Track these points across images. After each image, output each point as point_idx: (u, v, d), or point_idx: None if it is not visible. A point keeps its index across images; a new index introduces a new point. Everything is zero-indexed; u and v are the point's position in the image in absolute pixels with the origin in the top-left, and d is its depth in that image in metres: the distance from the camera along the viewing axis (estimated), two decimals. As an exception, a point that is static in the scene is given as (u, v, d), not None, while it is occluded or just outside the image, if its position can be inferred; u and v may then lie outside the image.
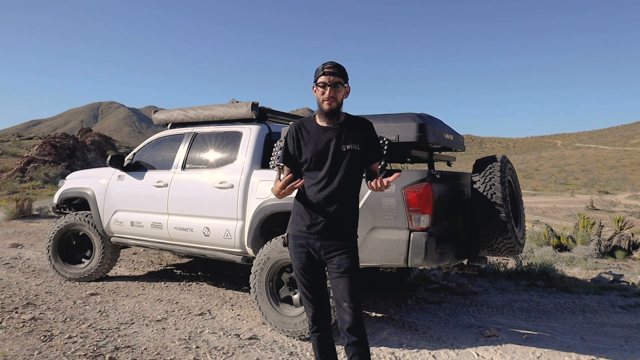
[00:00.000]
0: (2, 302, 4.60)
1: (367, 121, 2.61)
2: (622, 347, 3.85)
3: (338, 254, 2.50)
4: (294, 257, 2.60)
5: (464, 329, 4.18)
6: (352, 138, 2.52)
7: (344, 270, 2.48)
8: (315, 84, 2.52)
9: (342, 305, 2.46)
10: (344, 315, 2.46)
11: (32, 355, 3.38)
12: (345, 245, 2.51)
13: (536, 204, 23.51)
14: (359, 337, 2.44)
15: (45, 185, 22.35)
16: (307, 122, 2.61)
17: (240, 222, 4.27)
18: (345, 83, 2.50)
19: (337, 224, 2.51)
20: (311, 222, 2.51)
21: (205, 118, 4.98)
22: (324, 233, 2.50)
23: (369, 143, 2.57)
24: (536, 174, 62.28)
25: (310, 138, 2.54)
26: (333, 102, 2.48)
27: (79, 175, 5.94)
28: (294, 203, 2.62)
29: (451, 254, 3.68)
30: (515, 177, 4.40)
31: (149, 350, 3.53)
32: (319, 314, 2.60)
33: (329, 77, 2.45)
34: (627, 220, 10.99)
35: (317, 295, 2.60)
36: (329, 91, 2.46)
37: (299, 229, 2.56)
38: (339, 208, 2.50)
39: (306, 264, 2.56)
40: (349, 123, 2.56)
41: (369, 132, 2.58)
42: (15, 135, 52.00)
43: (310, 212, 2.51)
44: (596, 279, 6.29)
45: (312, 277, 2.58)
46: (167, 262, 6.82)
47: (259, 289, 4.04)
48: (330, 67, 2.47)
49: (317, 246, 2.52)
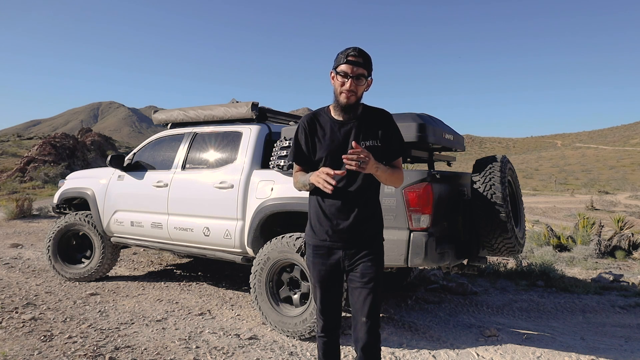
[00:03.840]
0: (2, 302, 4.60)
1: (387, 113, 2.33)
2: (622, 347, 3.85)
3: (363, 261, 2.26)
4: (313, 269, 2.35)
5: (464, 329, 4.18)
6: (372, 133, 2.25)
7: (368, 280, 2.24)
8: (334, 71, 2.20)
9: (360, 319, 2.24)
10: (359, 331, 2.24)
11: (32, 355, 3.38)
12: (371, 252, 2.28)
13: (536, 204, 23.51)
14: (373, 358, 2.24)
15: (45, 185, 22.36)
16: (320, 114, 2.33)
17: (240, 222, 4.27)
18: (369, 75, 2.20)
19: (361, 229, 2.26)
20: (332, 230, 2.26)
21: (205, 118, 4.98)
22: (347, 240, 2.26)
23: (390, 137, 2.29)
24: (536, 174, 62.27)
25: (325, 134, 2.26)
26: (352, 97, 2.18)
27: (79, 175, 5.94)
28: (310, 209, 2.37)
29: (451, 254, 3.68)
30: (515, 177, 4.41)
31: (149, 350, 3.53)
32: (329, 325, 2.41)
33: (352, 67, 2.13)
34: (627, 220, 10.99)
35: (332, 308, 2.39)
36: (349, 83, 2.14)
37: (320, 237, 2.30)
38: (361, 212, 2.25)
39: (325, 276, 2.32)
40: (368, 116, 2.28)
41: (389, 125, 2.29)
42: (15, 135, 52.01)
43: (330, 219, 2.26)
44: (596, 279, 6.29)
45: (330, 291, 2.35)
46: (167, 262, 6.82)
47: (259, 289, 4.04)
48: (355, 56, 2.14)
49: (340, 256, 2.28)
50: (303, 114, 3.66)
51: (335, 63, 2.20)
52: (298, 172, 2.36)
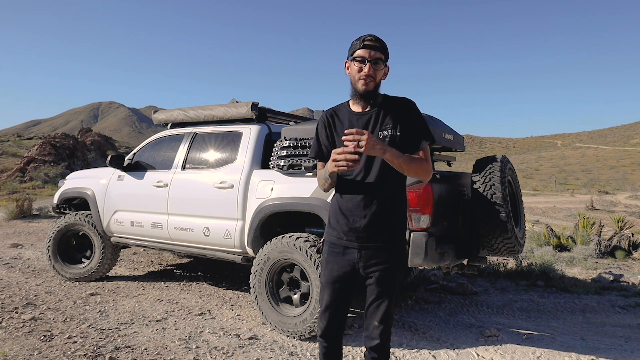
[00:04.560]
0: (2, 302, 4.60)
1: (409, 101, 2.21)
2: (622, 347, 3.85)
3: (379, 269, 2.15)
4: (325, 267, 2.25)
5: (464, 329, 4.18)
6: (391, 122, 2.13)
7: (385, 290, 2.17)
8: (350, 59, 2.13)
9: (372, 322, 2.21)
10: (371, 332, 2.21)
11: (32, 355, 3.38)
12: (390, 257, 2.17)
13: (536, 204, 23.51)
14: (383, 357, 2.25)
15: (45, 185, 22.35)
16: (340, 108, 2.26)
17: (240, 222, 4.27)
18: (386, 61, 2.13)
19: (378, 228, 2.14)
20: (348, 227, 2.16)
21: (205, 118, 4.98)
22: (363, 239, 2.14)
23: (412, 126, 2.15)
24: (536, 174, 62.28)
25: (343, 126, 2.17)
26: (370, 82, 2.09)
27: (79, 175, 5.94)
28: (331, 205, 2.28)
29: (451, 254, 3.68)
30: (515, 177, 4.41)
31: (149, 350, 3.53)
32: (332, 332, 2.28)
33: (370, 51, 2.07)
34: (627, 220, 10.99)
35: (338, 313, 2.26)
36: (367, 67, 2.06)
37: (336, 235, 2.21)
38: (380, 209, 2.13)
39: (337, 277, 2.21)
40: (387, 105, 2.17)
41: (410, 112, 2.17)
42: (15, 135, 52.00)
43: (347, 215, 2.16)
44: (596, 279, 6.29)
45: (339, 293, 2.23)
46: (167, 262, 6.82)
47: (259, 289, 4.04)
48: (372, 40, 2.08)
49: (355, 256, 2.17)
50: (303, 114, 3.62)
51: (350, 50, 2.13)
52: (320, 170, 2.26)
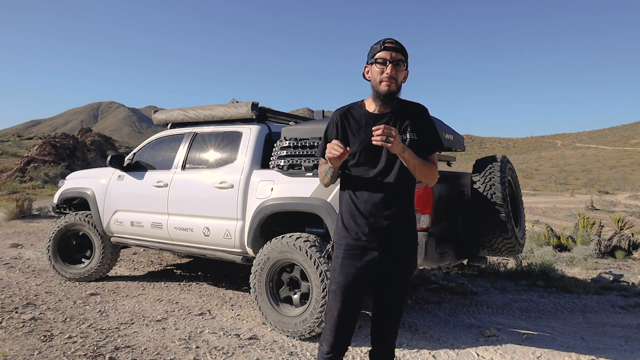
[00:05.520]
0: (2, 302, 4.60)
1: (423, 107, 2.26)
2: (622, 347, 3.85)
3: (400, 270, 2.17)
4: (340, 272, 2.16)
5: (464, 329, 4.18)
6: (410, 126, 2.16)
7: (404, 291, 2.20)
8: (371, 62, 2.14)
9: (384, 321, 2.25)
10: (385, 333, 2.27)
11: (32, 355, 3.38)
12: (409, 257, 2.19)
13: (536, 204, 23.52)
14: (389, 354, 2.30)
15: (45, 185, 22.35)
16: (354, 108, 2.24)
17: (240, 222, 4.27)
18: (406, 63, 2.15)
19: (400, 229, 2.14)
20: (369, 228, 2.12)
21: (205, 118, 4.98)
22: (385, 240, 2.13)
23: (426, 131, 2.19)
24: (536, 174, 62.29)
25: (360, 127, 2.16)
26: (393, 84, 2.10)
27: (79, 175, 5.94)
28: (342, 206, 2.23)
29: (451, 254, 3.68)
30: (515, 177, 4.41)
31: (149, 350, 3.53)
32: (340, 346, 2.22)
33: (391, 52, 2.09)
34: (627, 220, 11.00)
35: (348, 323, 2.20)
36: (390, 69, 2.08)
37: (354, 236, 2.15)
38: (400, 209, 2.14)
39: (353, 281, 2.14)
40: (403, 109, 2.20)
41: (424, 118, 2.21)
42: (15, 135, 52.00)
43: (366, 216, 2.13)
44: (596, 279, 6.29)
45: (353, 299, 2.17)
46: (167, 262, 6.82)
47: (259, 289, 4.04)
48: (392, 42, 2.11)
49: (374, 256, 2.13)
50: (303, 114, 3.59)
51: (370, 54, 2.16)
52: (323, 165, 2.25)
